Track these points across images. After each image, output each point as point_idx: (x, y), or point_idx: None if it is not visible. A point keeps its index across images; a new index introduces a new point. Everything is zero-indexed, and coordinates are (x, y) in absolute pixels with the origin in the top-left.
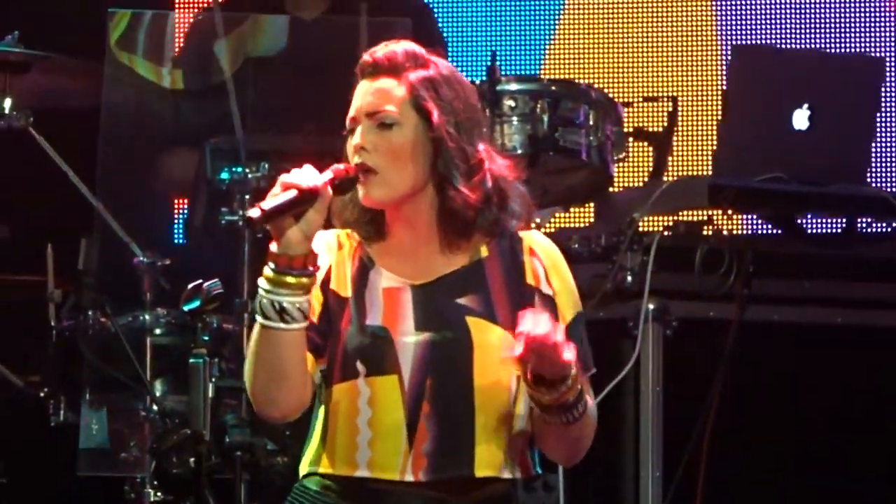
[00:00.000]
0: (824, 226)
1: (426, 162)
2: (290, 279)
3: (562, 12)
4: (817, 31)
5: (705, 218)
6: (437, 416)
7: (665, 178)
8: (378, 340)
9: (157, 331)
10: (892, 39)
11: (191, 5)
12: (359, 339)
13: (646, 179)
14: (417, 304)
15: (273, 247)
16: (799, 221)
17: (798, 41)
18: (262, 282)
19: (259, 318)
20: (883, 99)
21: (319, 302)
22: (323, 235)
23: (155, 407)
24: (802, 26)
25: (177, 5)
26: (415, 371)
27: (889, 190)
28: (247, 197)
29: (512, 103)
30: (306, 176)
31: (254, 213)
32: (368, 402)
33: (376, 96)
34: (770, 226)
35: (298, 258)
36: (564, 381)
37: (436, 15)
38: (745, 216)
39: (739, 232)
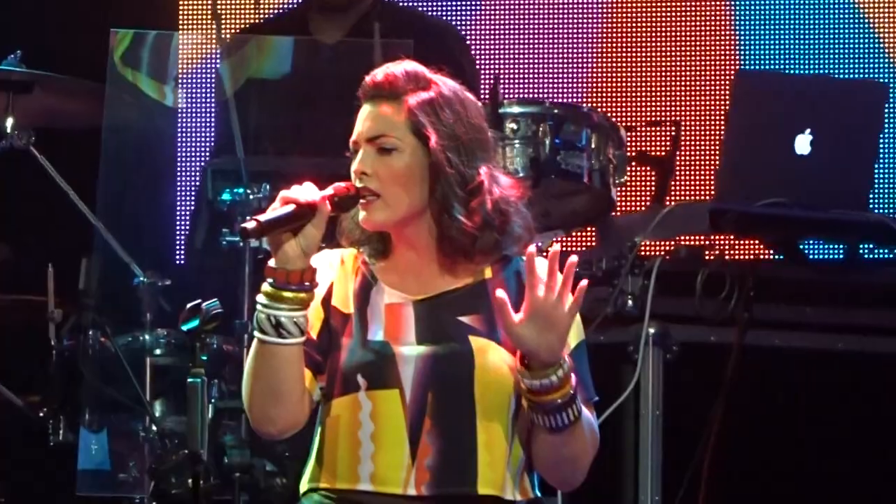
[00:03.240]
0: (826, 250)
1: (426, 186)
2: (287, 294)
3: (565, 36)
4: (821, 55)
5: (707, 242)
6: (440, 431)
7: (667, 203)
8: (380, 355)
9: (157, 351)
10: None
11: (194, 25)
12: (360, 353)
13: (648, 204)
14: (419, 319)
15: (271, 262)
16: (800, 246)
17: (802, 65)
18: (259, 297)
19: (256, 333)
20: (886, 124)
21: (320, 319)
22: (326, 254)
23: (154, 427)
24: (806, 50)
25: (180, 25)
26: (416, 385)
27: (891, 215)
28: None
29: (514, 126)
30: (305, 191)
31: (249, 224)
32: (371, 415)
33: (376, 121)
34: (772, 251)
35: (295, 273)
36: (554, 368)
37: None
38: (746, 241)
39: (741, 257)
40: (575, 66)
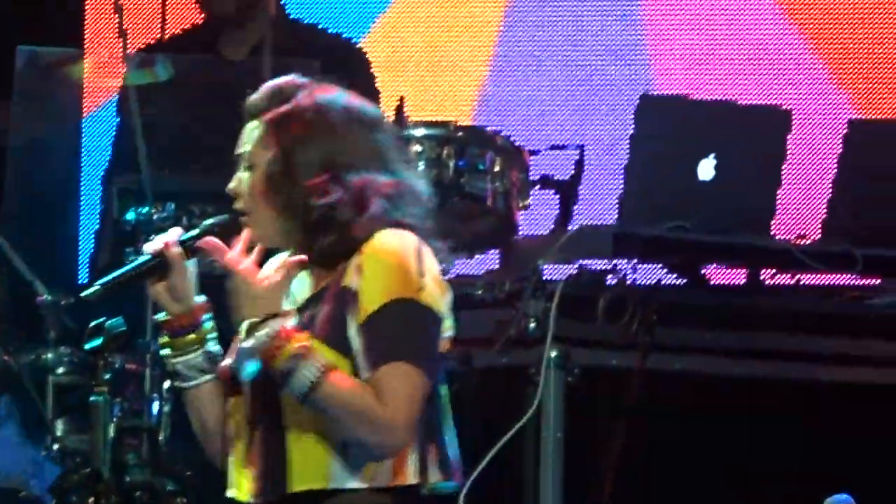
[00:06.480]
0: (728, 276)
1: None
2: (174, 340)
3: (470, 58)
4: (726, 81)
5: (609, 266)
6: (261, 438)
7: (570, 227)
8: None
9: (60, 370)
10: (799, 90)
11: (100, 42)
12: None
13: (551, 227)
14: None
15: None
16: (702, 271)
17: (707, 91)
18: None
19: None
20: (788, 150)
21: None
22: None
23: (56, 446)
24: (711, 76)
25: (86, 42)
26: (252, 393)
27: (793, 241)
28: (152, 237)
29: (418, 148)
30: (157, 241)
31: (88, 290)
32: (233, 423)
33: (243, 139)
34: (674, 275)
35: (171, 320)
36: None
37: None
38: (649, 265)
39: (643, 281)
40: (479, 89)
